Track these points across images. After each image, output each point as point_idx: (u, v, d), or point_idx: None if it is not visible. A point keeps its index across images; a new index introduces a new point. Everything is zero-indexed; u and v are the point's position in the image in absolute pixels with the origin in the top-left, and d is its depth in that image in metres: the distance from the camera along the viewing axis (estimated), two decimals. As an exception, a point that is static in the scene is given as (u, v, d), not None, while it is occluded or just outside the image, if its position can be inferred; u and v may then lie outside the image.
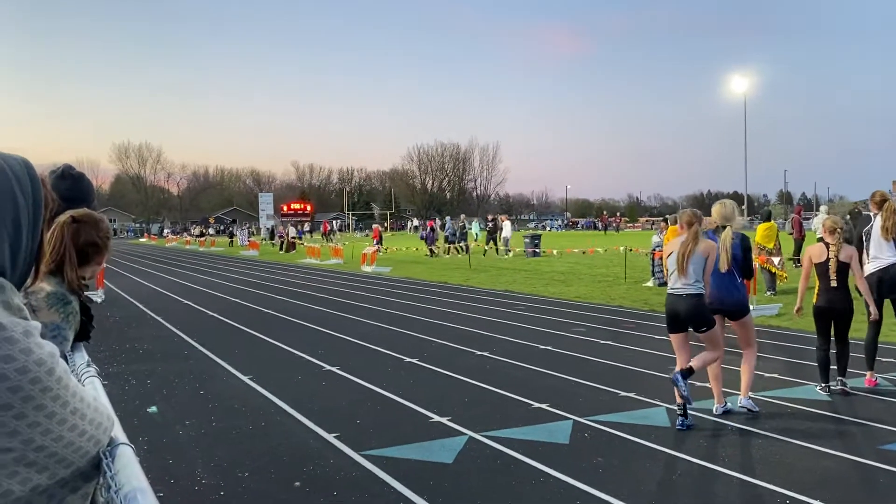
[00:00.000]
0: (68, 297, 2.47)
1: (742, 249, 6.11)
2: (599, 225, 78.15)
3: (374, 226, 37.46)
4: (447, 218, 42.20)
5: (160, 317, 13.08)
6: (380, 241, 32.65)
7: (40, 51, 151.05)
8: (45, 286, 2.42)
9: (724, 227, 6.19)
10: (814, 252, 6.87)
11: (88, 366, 2.09)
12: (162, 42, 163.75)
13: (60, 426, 1.04)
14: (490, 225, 31.38)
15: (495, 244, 28.56)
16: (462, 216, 36.97)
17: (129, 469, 1.16)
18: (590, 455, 5.17)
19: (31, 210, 1.14)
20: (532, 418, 6.08)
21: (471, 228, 33.77)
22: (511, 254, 27.68)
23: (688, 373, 5.73)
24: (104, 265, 2.86)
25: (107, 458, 1.17)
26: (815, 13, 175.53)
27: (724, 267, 6.01)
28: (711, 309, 6.05)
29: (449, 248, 31.13)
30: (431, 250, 30.85)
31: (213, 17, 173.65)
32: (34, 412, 1.00)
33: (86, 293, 2.63)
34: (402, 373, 7.94)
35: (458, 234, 31.60)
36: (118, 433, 1.27)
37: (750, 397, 6.15)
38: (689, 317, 5.84)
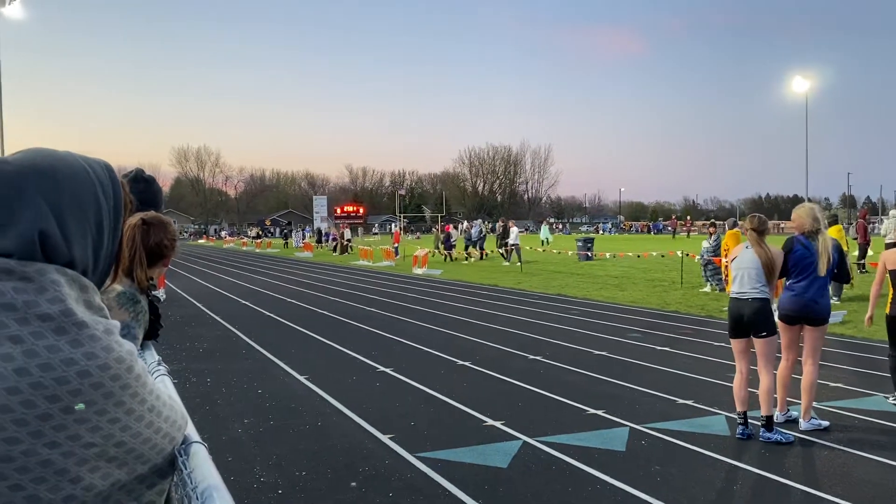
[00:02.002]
0: (137, 297, 2.55)
1: (837, 253, 5.91)
2: (666, 228, 75.59)
3: (395, 230, 37.19)
4: (463, 222, 41.60)
5: (219, 316, 13.39)
6: (397, 245, 32.79)
7: (100, 55, 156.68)
8: (116, 286, 2.50)
9: (817, 231, 5.96)
10: (889, 258, 6.60)
11: (159, 364, 2.14)
12: (221, 46, 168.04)
13: (139, 423, 1.07)
14: (500, 230, 30.70)
15: (505, 250, 28.04)
16: (479, 221, 36.58)
17: (203, 467, 1.18)
18: (647, 463, 5.08)
19: (112, 212, 1.17)
20: (587, 424, 6.01)
21: (517, 233, 33.03)
22: (519, 263, 26.75)
23: (770, 421, 5.60)
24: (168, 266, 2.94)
25: (182, 456, 1.20)
26: (879, 10, 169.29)
27: (822, 271, 5.82)
28: (795, 316, 5.91)
29: (467, 252, 30.95)
30: (448, 254, 30.82)
31: (271, 24, 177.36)
32: (114, 408, 1.03)
33: (153, 293, 2.71)
34: (454, 375, 7.94)
35: (473, 239, 31.28)
36: (191, 431, 1.30)
37: (813, 417, 5.91)
38: (752, 321, 5.69)
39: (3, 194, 1.03)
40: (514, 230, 27.47)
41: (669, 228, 71.46)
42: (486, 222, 36.09)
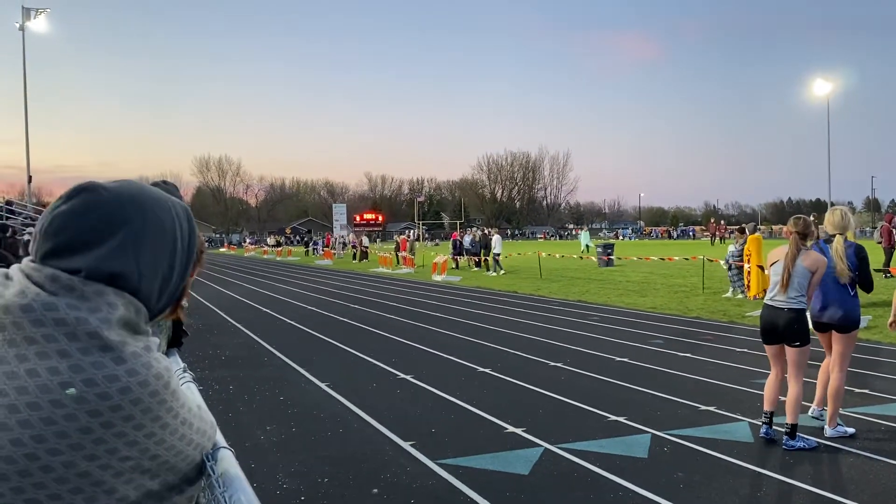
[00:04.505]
0: None
1: (858, 259, 5.76)
2: (702, 233, 73.12)
3: (402, 237, 37.08)
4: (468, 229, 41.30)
5: (240, 324, 13.49)
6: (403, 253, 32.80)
7: (122, 68, 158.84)
8: None
9: (835, 237, 5.86)
10: None
11: (185, 372, 2.18)
12: (241, 58, 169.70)
13: (172, 436, 1.10)
14: (481, 238, 30.39)
15: (486, 260, 27.86)
16: (472, 229, 36.61)
17: (231, 471, 1.20)
18: (670, 470, 5.05)
19: (185, 254, 1.22)
20: (609, 431, 5.99)
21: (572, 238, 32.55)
22: (502, 271, 26.50)
23: (794, 430, 5.53)
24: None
25: (210, 461, 1.23)
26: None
27: (844, 279, 5.70)
28: (821, 322, 5.85)
29: (469, 259, 30.89)
30: (456, 260, 30.87)
31: (291, 36, 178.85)
32: (151, 423, 1.06)
33: None
34: (475, 382, 7.94)
35: (467, 247, 31.15)
36: (218, 437, 1.33)
37: (839, 424, 5.82)
38: (785, 330, 5.60)
39: (94, 218, 1.10)
40: (495, 238, 27.43)
41: (707, 234, 68.41)
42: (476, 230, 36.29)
